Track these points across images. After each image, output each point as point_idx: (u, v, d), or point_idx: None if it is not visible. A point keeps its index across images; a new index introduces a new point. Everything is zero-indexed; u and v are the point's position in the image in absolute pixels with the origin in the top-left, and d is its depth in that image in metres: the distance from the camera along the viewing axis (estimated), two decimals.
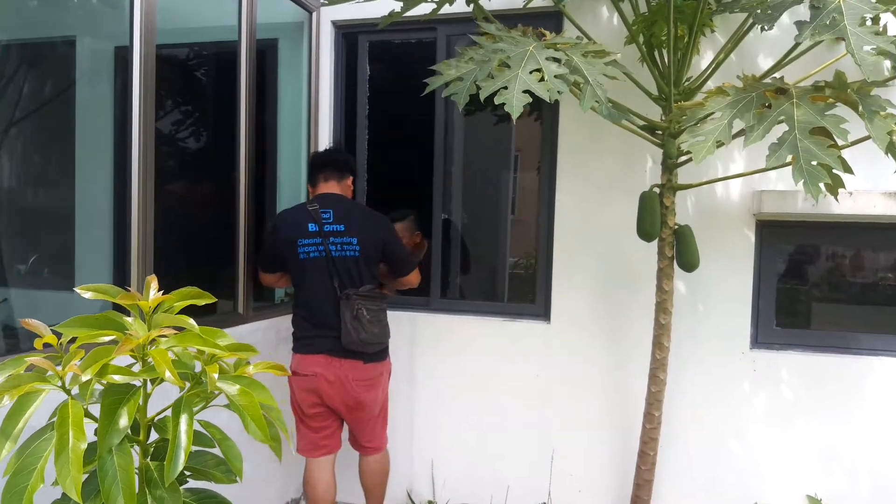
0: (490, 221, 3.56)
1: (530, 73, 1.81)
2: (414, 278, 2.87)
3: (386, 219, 2.80)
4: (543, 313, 3.15)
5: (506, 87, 1.77)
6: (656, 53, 2.58)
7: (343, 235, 2.66)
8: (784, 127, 1.67)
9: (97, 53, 3.52)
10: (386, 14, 2.63)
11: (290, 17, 3.31)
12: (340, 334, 2.60)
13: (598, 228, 3.02)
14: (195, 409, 1.32)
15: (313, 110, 3.31)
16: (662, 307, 2.60)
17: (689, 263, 2.55)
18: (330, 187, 2.77)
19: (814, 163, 1.54)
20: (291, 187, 3.38)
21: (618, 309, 3.01)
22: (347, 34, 3.37)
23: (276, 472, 3.10)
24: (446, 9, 2.59)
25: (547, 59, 1.85)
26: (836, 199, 1.96)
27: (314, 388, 2.65)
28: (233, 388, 1.30)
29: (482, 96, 1.81)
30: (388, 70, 3.42)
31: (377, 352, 2.70)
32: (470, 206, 3.66)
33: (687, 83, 2.57)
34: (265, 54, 3.39)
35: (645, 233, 2.54)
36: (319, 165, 2.82)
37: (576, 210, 3.04)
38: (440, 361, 3.25)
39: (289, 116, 3.38)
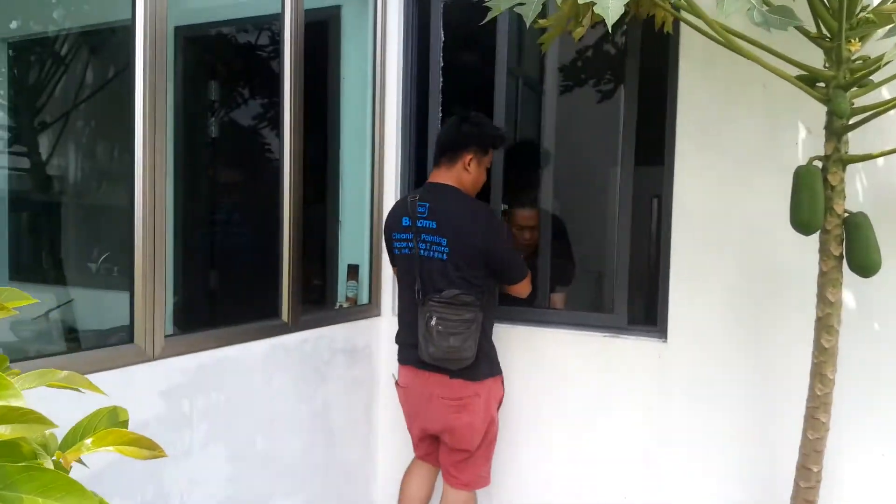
0: (591, 212, 2.93)
1: None
2: (523, 288, 2.40)
3: (492, 218, 2.32)
4: (658, 328, 2.48)
5: None
6: None
7: (433, 234, 2.26)
8: None
9: None
10: None
11: None
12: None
13: (733, 217, 2.32)
14: None
15: (378, 86, 2.84)
16: (826, 325, 1.89)
17: (866, 266, 1.84)
18: (439, 175, 2.35)
19: None
20: (354, 173, 2.93)
21: (760, 325, 2.30)
22: None
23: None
24: None
25: None
26: None
27: (406, 401, 2.45)
28: None
29: None
30: (465, 37, 2.90)
31: (466, 368, 2.25)
32: (566, 195, 3.06)
33: (861, 14, 1.84)
34: (327, 25, 2.99)
35: (802, 223, 1.85)
36: (436, 149, 2.44)
37: (702, 192, 2.36)
38: (523, 387, 2.64)
39: (353, 95, 2.94)
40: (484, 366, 2.31)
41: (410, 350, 2.34)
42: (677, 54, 2.37)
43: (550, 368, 2.62)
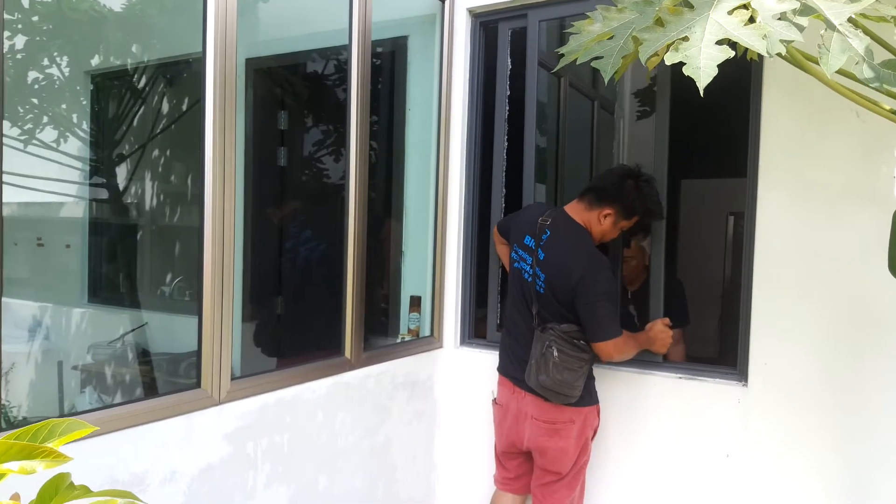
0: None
1: (728, 13, 1.11)
2: (608, 350, 2.19)
3: (596, 269, 2.19)
4: (738, 371, 2.34)
5: (685, 39, 1.10)
6: None
7: (539, 266, 2.25)
8: None
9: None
10: None
11: (421, 10, 2.85)
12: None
13: (822, 255, 2.16)
14: None
15: (444, 113, 2.81)
16: None
17: None
18: (576, 208, 2.34)
19: None
20: (418, 203, 2.90)
21: (853, 374, 2.12)
22: (485, 23, 2.83)
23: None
24: None
25: None
26: None
27: (500, 419, 2.42)
28: None
29: (643, 56, 1.14)
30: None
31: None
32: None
33: None
34: (394, 55, 2.98)
35: None
36: (590, 181, 2.42)
37: (788, 226, 2.20)
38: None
39: (418, 124, 2.91)
40: (583, 394, 2.26)
41: (512, 365, 2.35)
42: (760, 80, 2.23)
43: (624, 407, 2.50)
